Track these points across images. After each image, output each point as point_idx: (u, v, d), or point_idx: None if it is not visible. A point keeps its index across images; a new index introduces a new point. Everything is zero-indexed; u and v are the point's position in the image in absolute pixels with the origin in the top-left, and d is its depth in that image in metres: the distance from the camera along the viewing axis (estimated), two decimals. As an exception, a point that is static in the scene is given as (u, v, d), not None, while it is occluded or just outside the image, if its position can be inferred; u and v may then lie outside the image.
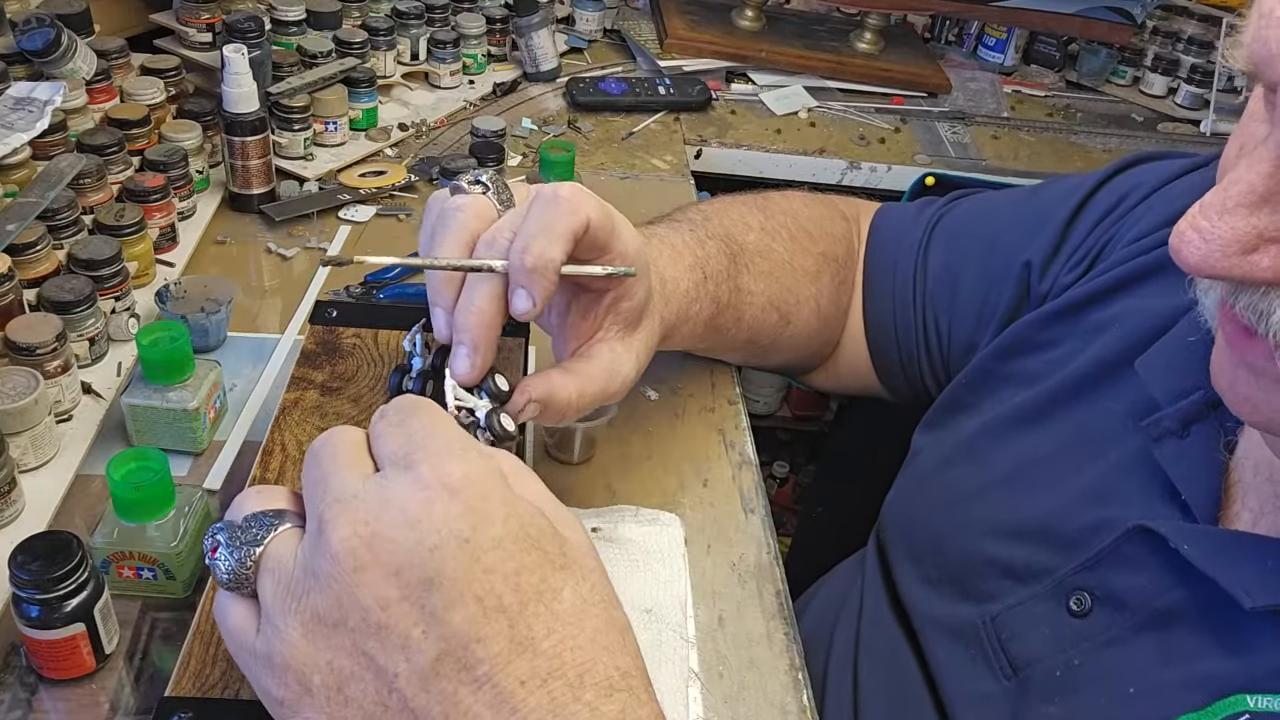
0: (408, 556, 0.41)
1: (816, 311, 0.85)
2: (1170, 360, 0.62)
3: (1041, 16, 1.56)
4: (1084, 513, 0.63)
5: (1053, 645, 0.61)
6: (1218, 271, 0.44)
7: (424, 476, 0.42)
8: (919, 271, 0.85)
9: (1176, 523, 0.57)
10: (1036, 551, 0.64)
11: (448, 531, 0.41)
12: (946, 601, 0.69)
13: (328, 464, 0.45)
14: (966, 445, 0.74)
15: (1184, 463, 0.59)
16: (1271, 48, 0.41)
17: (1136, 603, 0.58)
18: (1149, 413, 0.61)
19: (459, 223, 0.58)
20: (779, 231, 0.83)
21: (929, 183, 1.25)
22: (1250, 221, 0.43)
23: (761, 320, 0.80)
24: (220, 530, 0.45)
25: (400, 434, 0.45)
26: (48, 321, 0.76)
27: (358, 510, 0.42)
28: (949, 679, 0.66)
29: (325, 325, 0.74)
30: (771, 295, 0.80)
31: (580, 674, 0.42)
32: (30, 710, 0.60)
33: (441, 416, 0.47)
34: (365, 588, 0.41)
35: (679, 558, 0.72)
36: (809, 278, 0.84)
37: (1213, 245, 0.44)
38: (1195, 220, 0.44)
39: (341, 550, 0.41)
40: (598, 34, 1.59)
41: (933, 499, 0.74)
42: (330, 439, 0.46)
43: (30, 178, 0.89)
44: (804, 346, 0.87)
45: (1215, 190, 0.45)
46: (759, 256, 0.80)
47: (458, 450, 0.44)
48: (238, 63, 0.98)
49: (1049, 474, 0.66)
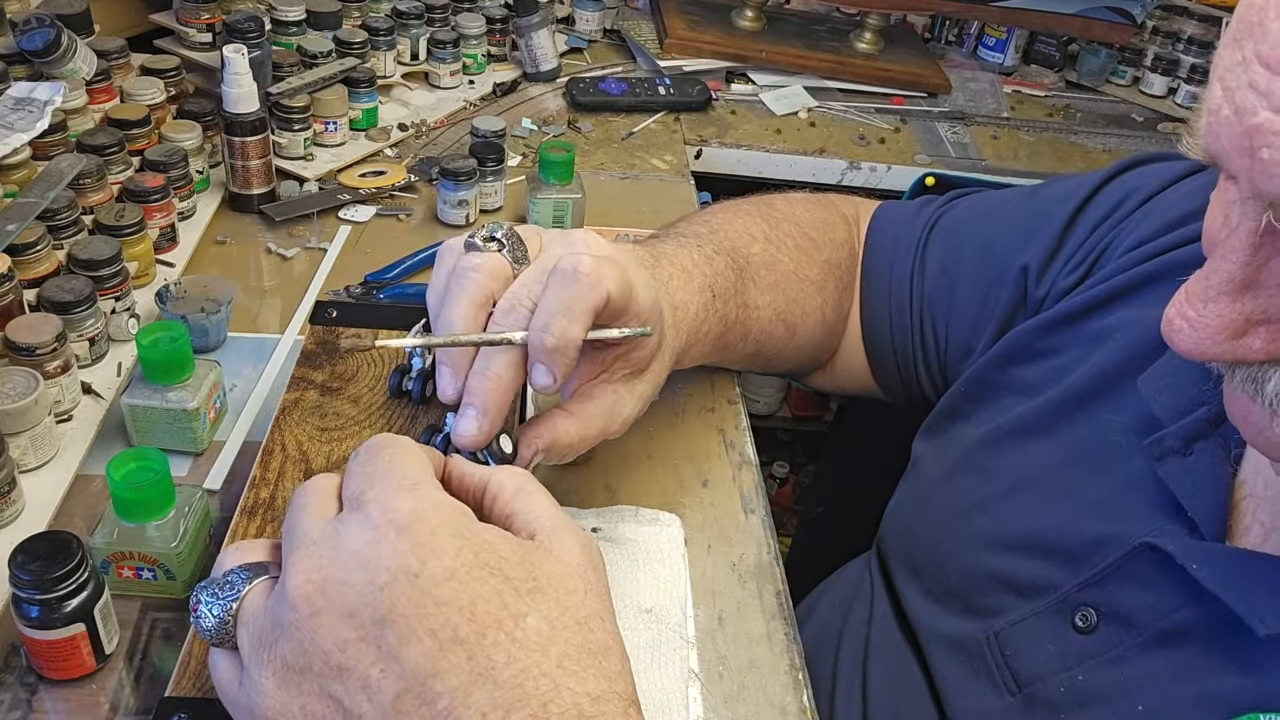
0: (359, 597, 0.41)
1: (821, 321, 0.85)
2: (1171, 377, 0.61)
3: (1041, 16, 1.56)
4: (1088, 528, 0.62)
5: (1057, 662, 0.60)
6: (1210, 357, 0.45)
7: (372, 516, 0.43)
8: (916, 274, 0.85)
9: (1184, 540, 0.56)
10: (1039, 566, 0.64)
11: (396, 568, 0.41)
12: (949, 616, 0.68)
13: (297, 512, 0.46)
14: (967, 456, 0.73)
15: (1189, 480, 0.58)
16: (1224, 144, 0.41)
17: (1143, 620, 0.57)
18: (1152, 426, 0.60)
19: (475, 284, 0.57)
20: (784, 241, 0.82)
21: (929, 183, 1.25)
22: (1235, 308, 0.44)
23: (768, 333, 0.80)
24: (203, 589, 0.46)
25: (362, 474, 0.46)
26: (48, 321, 0.76)
27: (314, 556, 0.43)
28: (953, 694, 0.66)
29: (325, 325, 0.74)
30: (778, 308, 0.80)
31: (544, 703, 0.41)
32: (30, 710, 0.60)
33: (405, 453, 0.47)
34: (324, 631, 0.41)
35: (679, 558, 0.72)
36: (814, 287, 0.83)
37: (1202, 334, 0.44)
38: (1183, 309, 0.45)
39: (298, 597, 0.42)
40: (598, 34, 1.59)
41: (933, 511, 0.74)
42: (306, 487, 0.47)
43: (30, 178, 0.89)
44: (808, 354, 0.87)
45: (1197, 278, 0.45)
46: (765, 269, 0.79)
47: (407, 486, 0.44)
48: (238, 63, 0.98)
49: (1052, 487, 0.66)
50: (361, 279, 0.97)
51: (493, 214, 1.11)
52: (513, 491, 0.49)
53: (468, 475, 0.50)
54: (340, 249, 1.03)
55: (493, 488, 0.49)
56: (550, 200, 1.06)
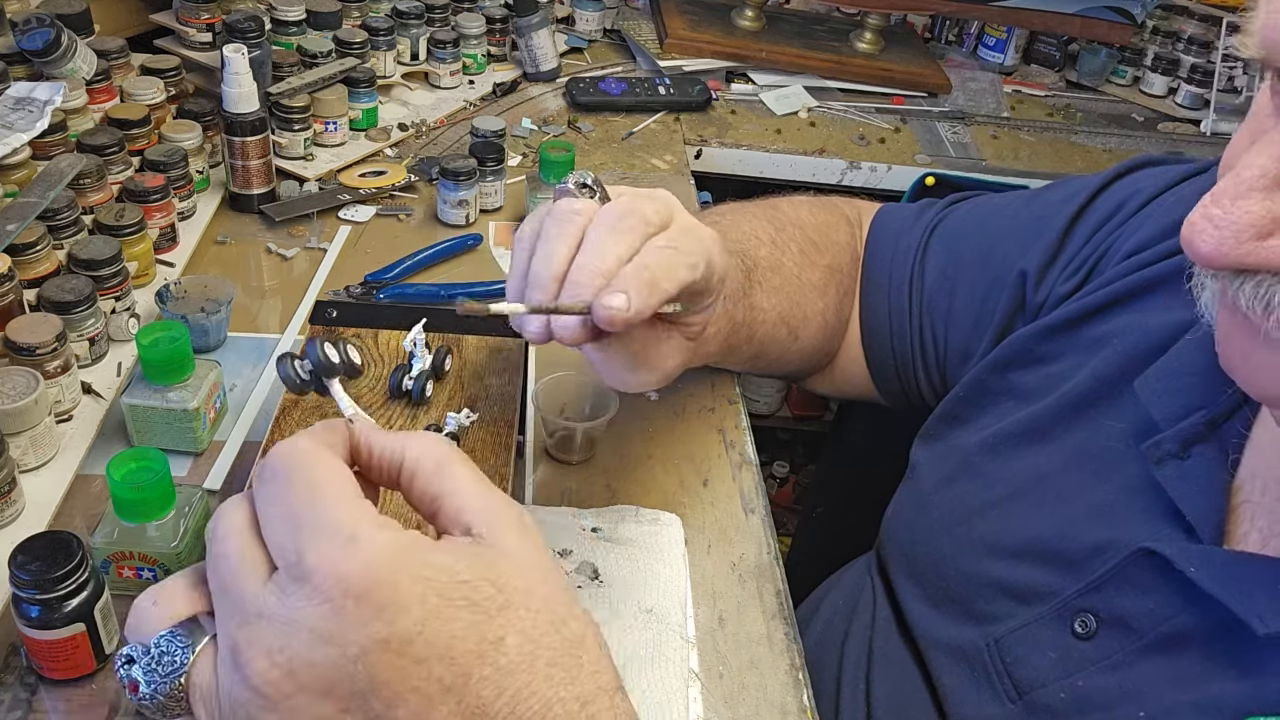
0: (334, 674, 0.39)
1: (823, 325, 0.85)
2: (1169, 381, 0.61)
3: (1041, 16, 1.56)
4: (1087, 533, 0.62)
5: (1058, 668, 0.60)
6: (1231, 260, 0.43)
7: (322, 588, 0.40)
8: (915, 278, 0.85)
9: (1182, 544, 0.56)
10: (1039, 572, 0.63)
11: (365, 638, 0.39)
12: (949, 623, 0.68)
13: (221, 563, 0.42)
14: (965, 462, 0.73)
15: (1186, 484, 0.58)
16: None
17: (1143, 626, 0.57)
18: (1150, 432, 0.60)
19: (574, 225, 0.60)
20: (789, 245, 0.83)
21: (929, 183, 1.25)
22: (1265, 205, 0.42)
23: (771, 336, 0.80)
24: (130, 663, 0.42)
25: (283, 523, 0.42)
26: (48, 321, 0.76)
27: (267, 636, 0.40)
28: (954, 700, 0.66)
29: (325, 325, 0.74)
30: (782, 311, 0.80)
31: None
32: (30, 710, 0.60)
33: (324, 485, 0.42)
34: (302, 712, 0.40)
35: (679, 558, 0.72)
36: (817, 292, 0.83)
37: (1225, 232, 0.43)
38: (1207, 210, 0.43)
39: (263, 683, 0.40)
40: (598, 34, 1.59)
41: (932, 518, 0.73)
42: (220, 529, 0.43)
43: (30, 178, 0.89)
44: (809, 358, 0.87)
45: (1227, 177, 0.44)
46: (770, 272, 0.80)
47: (346, 539, 0.40)
48: (238, 63, 0.98)
49: (1050, 493, 0.66)
50: (361, 279, 0.97)
51: (493, 214, 1.11)
52: (433, 468, 0.45)
53: (384, 450, 0.46)
54: (340, 249, 1.03)
55: (409, 464, 0.45)
56: (550, 200, 1.06)
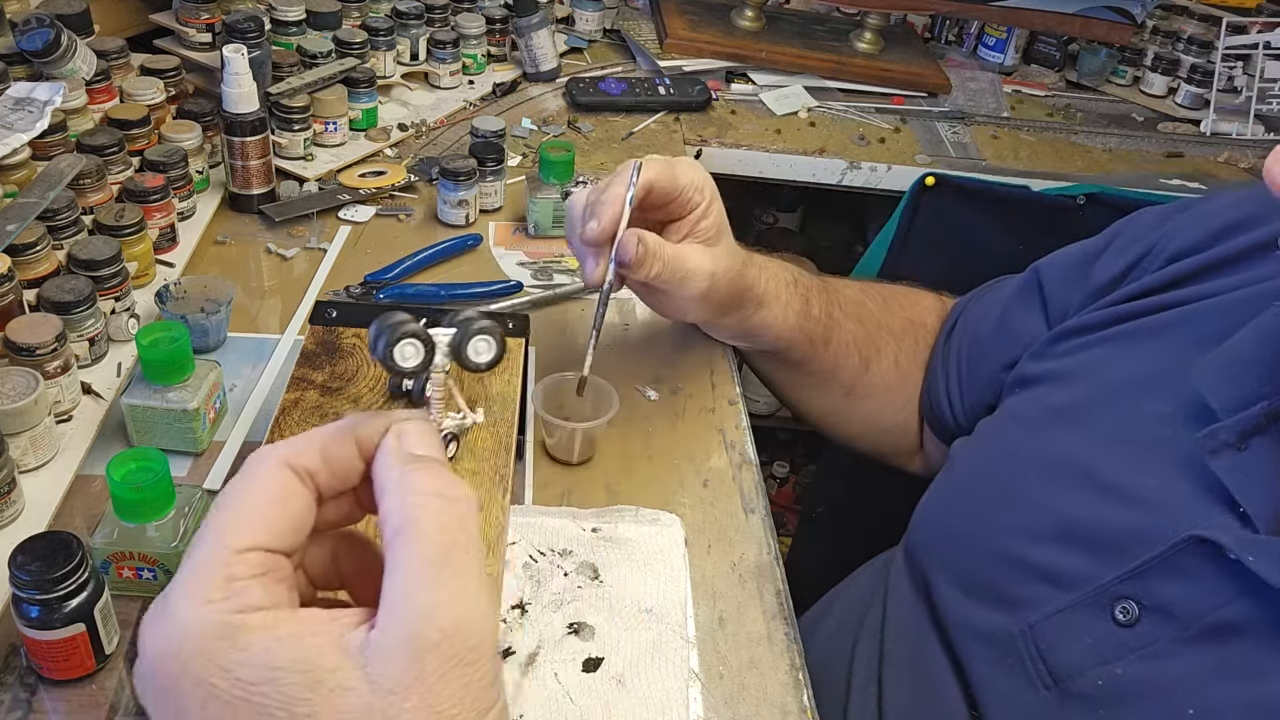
0: None
1: (895, 365, 0.91)
2: (1229, 369, 0.60)
3: (1041, 16, 1.56)
4: (1127, 518, 0.61)
5: (1095, 655, 0.59)
6: None
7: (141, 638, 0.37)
8: None
9: (1238, 532, 0.55)
10: (1076, 557, 0.62)
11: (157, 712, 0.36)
12: (983, 609, 0.67)
13: None
14: (1001, 446, 0.73)
15: (1243, 475, 0.57)
16: None
17: (1188, 614, 0.56)
18: (1199, 418, 0.59)
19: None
20: (873, 293, 0.94)
21: (929, 183, 1.25)
22: None
23: (845, 356, 0.88)
24: None
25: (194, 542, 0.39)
26: (48, 322, 0.76)
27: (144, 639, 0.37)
28: (985, 689, 0.65)
29: (325, 325, 0.74)
30: (857, 337, 0.89)
31: None
32: (30, 710, 0.60)
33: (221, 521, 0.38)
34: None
35: (679, 558, 0.72)
36: (893, 336, 0.92)
37: None
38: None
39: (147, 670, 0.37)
40: (597, 34, 1.59)
41: (966, 502, 0.73)
42: None
43: (30, 178, 0.89)
44: (883, 400, 0.92)
45: None
46: (852, 304, 0.90)
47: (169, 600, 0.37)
48: (237, 63, 0.98)
49: (1088, 476, 0.65)
50: (361, 279, 0.97)
51: (492, 214, 1.11)
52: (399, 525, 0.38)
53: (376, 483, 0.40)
54: (340, 249, 1.03)
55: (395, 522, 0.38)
56: (550, 200, 1.06)
